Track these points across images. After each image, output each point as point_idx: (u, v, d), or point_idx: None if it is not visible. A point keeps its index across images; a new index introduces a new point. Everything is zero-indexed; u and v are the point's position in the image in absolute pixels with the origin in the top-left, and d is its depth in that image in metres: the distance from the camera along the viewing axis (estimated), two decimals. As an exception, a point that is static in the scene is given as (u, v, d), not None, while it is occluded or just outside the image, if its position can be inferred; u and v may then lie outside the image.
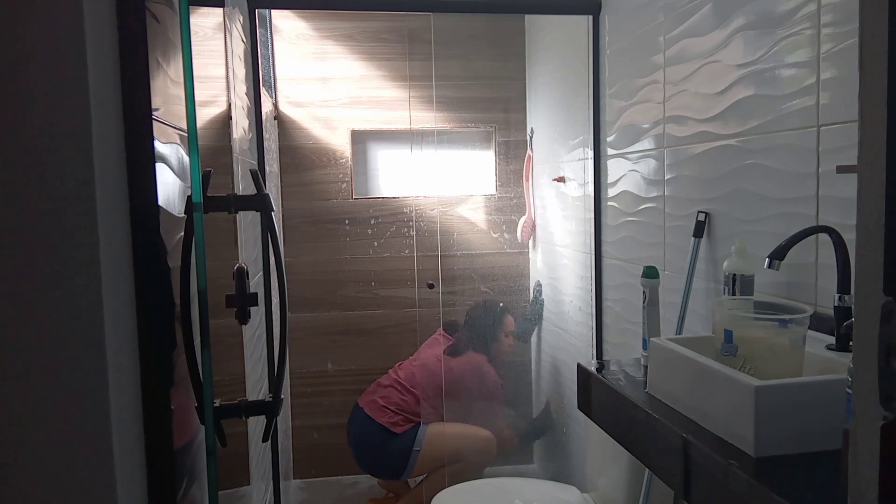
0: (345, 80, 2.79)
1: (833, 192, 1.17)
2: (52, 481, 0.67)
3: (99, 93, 0.68)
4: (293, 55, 2.75)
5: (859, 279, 0.46)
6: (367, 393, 2.59)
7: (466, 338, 2.64)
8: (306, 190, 2.79)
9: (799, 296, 1.27)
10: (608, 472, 1.97)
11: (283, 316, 1.09)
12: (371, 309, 2.87)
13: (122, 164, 0.75)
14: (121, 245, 0.74)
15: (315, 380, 2.82)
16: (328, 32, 2.76)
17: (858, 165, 0.46)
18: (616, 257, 2.11)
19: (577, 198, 2.37)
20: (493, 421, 2.62)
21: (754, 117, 1.37)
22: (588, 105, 2.22)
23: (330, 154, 2.81)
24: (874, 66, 0.44)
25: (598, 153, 2.19)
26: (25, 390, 0.66)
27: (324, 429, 2.83)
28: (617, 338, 2.14)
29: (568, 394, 2.55)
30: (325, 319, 2.82)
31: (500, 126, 2.93)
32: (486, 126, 2.92)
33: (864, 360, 0.46)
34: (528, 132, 2.91)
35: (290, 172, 2.78)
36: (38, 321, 0.65)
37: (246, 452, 1.61)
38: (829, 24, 1.16)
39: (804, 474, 0.87)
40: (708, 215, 1.56)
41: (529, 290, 2.99)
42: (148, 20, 0.77)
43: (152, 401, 0.78)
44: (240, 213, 1.41)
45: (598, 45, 2.18)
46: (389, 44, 2.80)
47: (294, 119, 2.77)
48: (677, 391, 1.11)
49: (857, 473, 0.46)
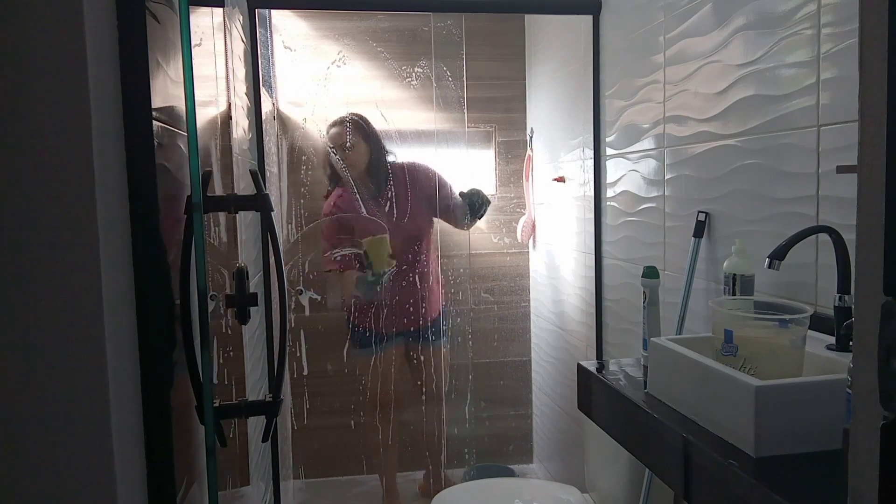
0: (345, 80, 2.79)
1: (833, 192, 1.17)
2: (53, 481, 0.67)
3: (99, 93, 0.68)
4: (293, 55, 2.75)
5: (859, 279, 0.46)
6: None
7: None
8: (306, 190, 2.79)
9: (799, 296, 1.27)
10: (608, 472, 1.97)
11: (283, 316, 1.09)
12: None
13: (122, 164, 0.75)
14: (121, 245, 0.74)
15: (315, 380, 2.82)
16: (328, 32, 2.76)
17: (858, 165, 0.46)
18: (616, 257, 2.11)
19: (577, 198, 2.37)
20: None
21: (754, 117, 1.37)
22: (588, 105, 2.22)
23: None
24: (874, 66, 0.44)
25: (598, 153, 2.19)
26: (25, 390, 0.66)
27: (324, 429, 2.83)
28: (617, 338, 2.14)
29: (568, 394, 2.55)
30: (325, 319, 2.82)
31: (500, 126, 2.93)
32: (486, 126, 2.92)
33: (864, 360, 0.46)
34: (528, 132, 2.91)
35: (290, 172, 2.78)
36: (38, 321, 0.65)
37: (246, 452, 1.61)
38: (829, 24, 1.16)
39: (804, 474, 0.87)
40: (708, 215, 1.56)
41: (529, 290, 2.99)
42: (148, 20, 0.77)
43: (152, 401, 0.78)
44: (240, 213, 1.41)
45: (598, 45, 2.18)
46: (389, 44, 2.80)
47: (294, 119, 2.77)
48: (677, 391, 1.11)
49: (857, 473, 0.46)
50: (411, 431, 2.78)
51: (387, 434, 2.65)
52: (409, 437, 2.79)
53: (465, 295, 2.92)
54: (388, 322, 2.57)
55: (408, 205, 2.57)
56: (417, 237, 2.60)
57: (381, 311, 2.56)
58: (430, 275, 2.64)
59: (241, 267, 1.03)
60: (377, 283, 2.48)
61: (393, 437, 2.67)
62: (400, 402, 2.67)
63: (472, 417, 2.95)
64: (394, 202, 2.57)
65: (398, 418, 2.68)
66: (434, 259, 2.69)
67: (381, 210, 2.55)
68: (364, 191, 2.56)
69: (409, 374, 2.70)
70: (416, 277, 2.59)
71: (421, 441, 2.78)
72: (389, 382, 2.60)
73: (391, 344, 2.59)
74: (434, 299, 2.65)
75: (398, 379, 2.63)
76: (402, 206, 2.57)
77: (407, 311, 2.59)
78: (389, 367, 2.59)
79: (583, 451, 2.36)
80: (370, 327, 2.58)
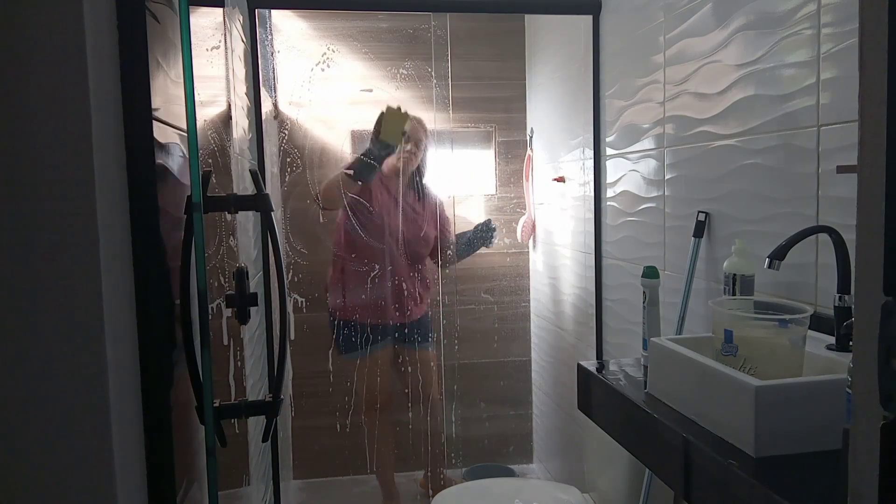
0: (345, 80, 2.79)
1: (833, 192, 1.17)
2: (53, 481, 0.67)
3: (99, 93, 0.68)
4: (293, 55, 2.75)
5: (859, 279, 0.46)
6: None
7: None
8: (306, 190, 2.79)
9: (799, 296, 1.27)
10: (608, 472, 1.97)
11: (283, 316, 1.09)
12: (371, 309, 2.86)
13: (122, 164, 0.75)
14: (121, 245, 0.74)
15: (315, 380, 2.82)
16: (328, 32, 2.76)
17: (858, 165, 0.46)
18: (616, 257, 2.11)
19: (577, 198, 2.37)
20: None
21: (754, 117, 1.37)
22: (588, 105, 2.22)
23: (329, 153, 2.81)
24: (874, 66, 0.44)
25: (598, 153, 2.19)
26: (25, 390, 0.66)
27: (324, 429, 2.83)
28: (617, 338, 2.14)
29: (568, 394, 2.55)
30: (325, 319, 2.82)
31: (500, 126, 2.93)
32: (486, 126, 2.92)
33: (864, 360, 0.46)
34: (528, 132, 2.91)
35: (290, 172, 2.78)
36: (38, 321, 0.65)
37: (246, 452, 1.61)
38: (829, 24, 1.16)
39: (804, 474, 0.87)
40: (708, 215, 1.56)
41: (529, 290, 2.99)
42: (148, 20, 0.77)
43: (152, 401, 0.78)
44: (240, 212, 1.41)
45: (598, 45, 2.18)
46: (389, 44, 2.80)
47: (294, 119, 2.77)
48: (677, 391, 1.11)
49: (857, 473, 0.46)
50: (410, 432, 2.78)
51: (384, 434, 2.65)
52: (409, 437, 2.79)
53: (456, 296, 2.92)
54: (374, 319, 2.56)
55: (422, 224, 2.59)
56: (419, 252, 2.61)
57: (368, 309, 2.55)
58: (422, 280, 2.65)
59: (241, 267, 1.03)
60: (380, 157, 2.41)
61: (388, 437, 2.67)
62: (393, 403, 2.67)
63: (472, 417, 2.95)
64: (411, 214, 2.59)
65: (393, 419, 2.68)
66: (430, 269, 2.71)
67: (398, 215, 2.56)
68: (394, 190, 2.56)
69: (398, 376, 2.70)
70: (406, 282, 2.59)
71: (421, 441, 2.78)
72: (384, 384, 2.60)
73: (378, 346, 2.58)
74: (422, 302, 2.66)
75: (389, 380, 2.63)
76: (415, 224, 2.58)
77: (396, 308, 2.58)
78: (376, 370, 2.59)
79: (583, 451, 2.36)
80: (356, 326, 2.56)
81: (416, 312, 2.62)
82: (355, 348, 2.56)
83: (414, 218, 2.59)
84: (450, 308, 2.88)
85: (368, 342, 2.56)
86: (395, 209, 2.56)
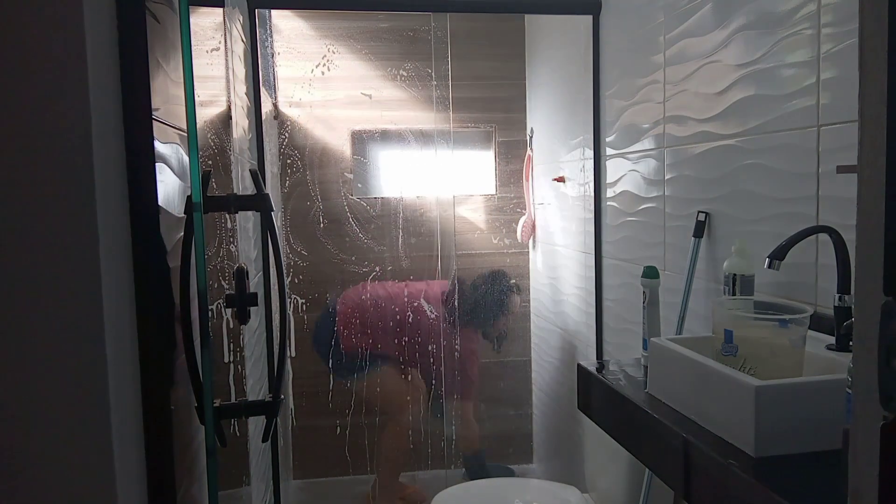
0: (345, 80, 2.79)
1: (833, 192, 1.17)
2: (53, 481, 0.67)
3: (99, 93, 0.68)
4: (293, 55, 2.74)
5: (859, 279, 0.46)
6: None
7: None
8: (306, 190, 2.79)
9: (799, 296, 1.27)
10: (608, 472, 1.97)
11: (283, 316, 1.09)
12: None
13: (122, 164, 0.75)
14: (121, 245, 0.74)
15: (315, 380, 2.82)
16: (328, 32, 2.76)
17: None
18: (616, 257, 2.11)
19: (576, 198, 2.37)
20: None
21: (754, 117, 1.37)
22: (588, 105, 2.22)
23: (330, 154, 2.81)
24: (874, 66, 0.44)
25: (598, 153, 2.19)
26: (25, 390, 0.66)
27: (324, 429, 2.83)
28: (617, 338, 2.14)
29: (568, 394, 2.55)
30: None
31: (500, 126, 2.93)
32: (486, 126, 2.92)
33: (864, 360, 0.46)
34: (528, 132, 2.91)
35: (290, 172, 2.78)
36: (38, 321, 0.65)
37: (246, 452, 1.61)
38: (829, 24, 1.16)
39: (804, 474, 0.87)
40: (708, 215, 1.56)
41: (529, 290, 2.99)
42: (148, 20, 0.77)
43: (152, 401, 0.78)
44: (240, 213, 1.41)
45: (598, 45, 2.18)
46: (389, 44, 2.79)
47: (294, 119, 2.77)
48: (677, 391, 1.11)
49: (857, 473, 0.46)
50: (408, 432, 2.77)
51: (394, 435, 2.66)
52: (409, 438, 2.79)
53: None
54: (374, 344, 2.57)
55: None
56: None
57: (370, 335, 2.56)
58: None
59: (241, 267, 1.03)
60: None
61: (386, 438, 2.68)
62: (393, 405, 2.67)
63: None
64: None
65: (391, 420, 2.68)
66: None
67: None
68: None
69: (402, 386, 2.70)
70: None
71: (420, 441, 2.78)
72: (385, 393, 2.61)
73: (377, 366, 2.59)
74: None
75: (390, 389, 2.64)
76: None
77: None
78: (376, 387, 2.61)
79: (583, 451, 2.36)
80: (356, 350, 2.57)
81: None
82: (352, 372, 2.58)
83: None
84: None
85: (366, 367, 2.58)
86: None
